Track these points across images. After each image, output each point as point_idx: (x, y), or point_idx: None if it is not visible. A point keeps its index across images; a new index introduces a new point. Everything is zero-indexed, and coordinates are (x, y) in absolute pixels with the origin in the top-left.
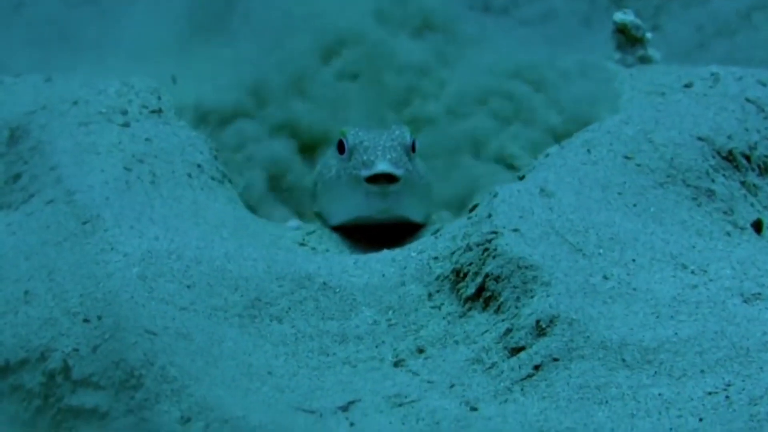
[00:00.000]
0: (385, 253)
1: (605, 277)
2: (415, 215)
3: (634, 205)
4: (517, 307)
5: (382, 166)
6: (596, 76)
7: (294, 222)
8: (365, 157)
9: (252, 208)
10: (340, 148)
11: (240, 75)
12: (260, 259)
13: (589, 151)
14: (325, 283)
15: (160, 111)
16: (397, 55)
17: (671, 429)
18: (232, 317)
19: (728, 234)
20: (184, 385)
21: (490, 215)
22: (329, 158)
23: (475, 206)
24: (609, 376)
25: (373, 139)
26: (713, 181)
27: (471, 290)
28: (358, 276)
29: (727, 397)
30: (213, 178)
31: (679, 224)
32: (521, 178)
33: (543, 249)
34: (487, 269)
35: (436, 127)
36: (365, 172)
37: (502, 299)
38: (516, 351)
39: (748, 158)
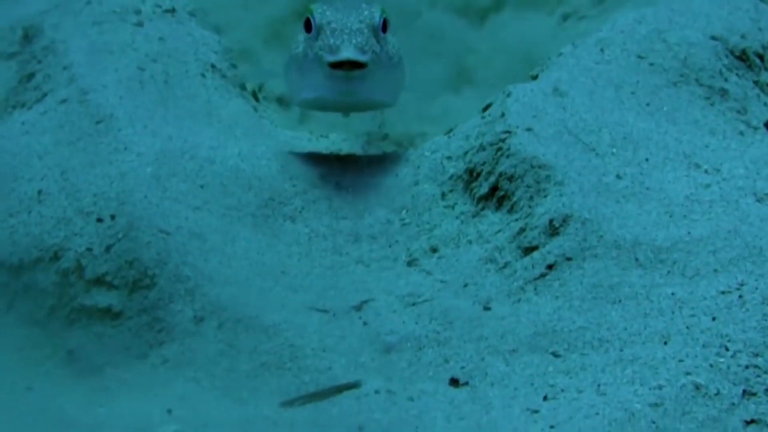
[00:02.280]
0: (399, 153)
1: (618, 177)
2: (382, 98)
3: (647, 105)
4: (530, 207)
5: (346, 53)
6: None
7: None
8: (331, 41)
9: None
10: (307, 26)
11: None
12: (274, 158)
13: (602, 50)
14: (338, 183)
15: (173, 10)
16: None
17: (685, 328)
18: (245, 217)
19: (741, 133)
20: (198, 284)
21: (503, 114)
22: (297, 33)
23: (488, 105)
24: (622, 276)
25: (341, 19)
26: (726, 80)
27: (484, 190)
28: (372, 175)
29: (740, 296)
30: (226, 78)
31: (692, 123)
32: (534, 77)
33: (556, 148)
34: (500, 169)
35: None
36: (330, 57)
37: (515, 199)
38: (529, 250)
39: (761, 57)
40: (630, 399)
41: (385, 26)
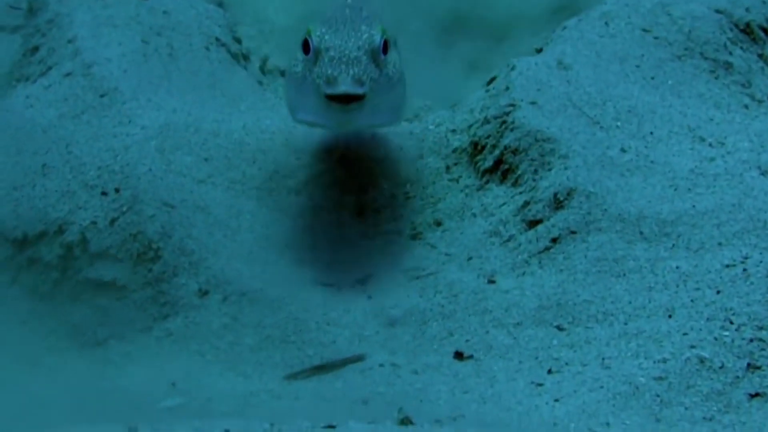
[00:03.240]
0: (403, 126)
1: (623, 150)
2: (382, 120)
3: (652, 78)
4: (534, 180)
5: (344, 87)
6: None
7: None
8: (329, 71)
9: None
10: (305, 47)
11: None
12: (278, 131)
13: (606, 23)
14: (342, 156)
15: None
16: None
17: (690, 301)
18: (249, 190)
19: (746, 107)
20: (202, 257)
21: (507, 88)
22: (296, 50)
23: (492, 79)
24: (627, 249)
25: (339, 45)
26: (731, 53)
27: (489, 163)
28: (376, 149)
29: (744, 269)
30: (231, 52)
31: (696, 97)
32: (539, 50)
33: (560, 122)
34: (504, 142)
35: None
36: (327, 90)
37: (519, 172)
38: (533, 224)
39: (765, 31)
40: (634, 372)
41: (385, 47)
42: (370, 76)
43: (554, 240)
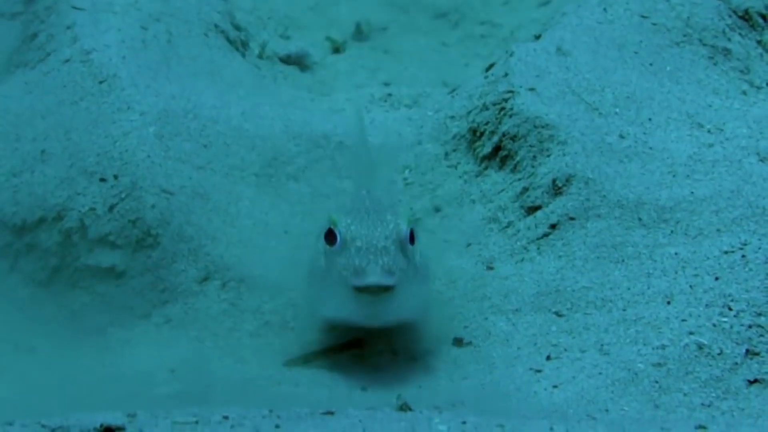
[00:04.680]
0: (402, 113)
1: (621, 136)
2: (408, 315)
3: (651, 64)
4: (533, 166)
5: (373, 278)
6: None
7: None
8: (356, 261)
9: None
10: (330, 238)
11: None
12: (277, 118)
13: (605, 10)
14: (341, 142)
15: None
16: None
17: (688, 288)
18: (248, 176)
19: (744, 93)
20: (201, 244)
21: (506, 74)
22: (318, 242)
23: (491, 65)
24: (625, 235)
25: (366, 235)
26: (729, 40)
27: (487, 149)
28: (375, 135)
29: (743, 255)
30: (229, 38)
31: (695, 83)
32: (537, 37)
33: (559, 108)
34: (503, 128)
35: None
36: (356, 282)
37: (518, 158)
38: (532, 210)
39: (764, 17)
40: (633, 359)
41: (412, 237)
42: (399, 267)
43: (553, 226)
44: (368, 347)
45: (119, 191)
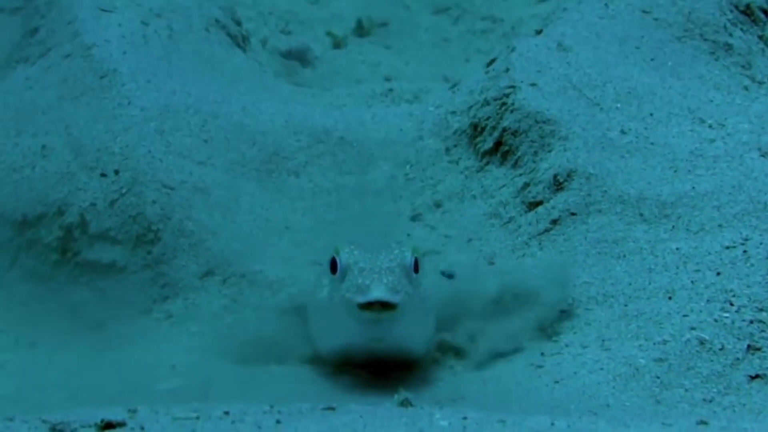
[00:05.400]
0: (403, 108)
1: (623, 132)
2: (413, 346)
3: (652, 60)
4: (534, 162)
5: (377, 293)
6: None
7: None
8: (359, 280)
9: None
10: (333, 267)
11: None
12: (278, 113)
13: (606, 5)
14: (342, 138)
15: None
16: None
17: (690, 283)
18: (249, 172)
19: (746, 88)
20: (202, 239)
21: (507, 69)
22: (322, 276)
23: (492, 60)
24: (627, 231)
25: (369, 258)
26: (731, 35)
27: (488, 144)
28: (376, 130)
29: (744, 251)
30: (230, 33)
31: (696, 78)
32: (539, 32)
33: (561, 103)
34: (504, 123)
35: None
36: (359, 298)
37: (519, 153)
38: (533, 205)
39: (766, 12)
40: (634, 354)
41: (416, 267)
42: (404, 288)
43: (554, 222)
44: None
45: (120, 186)
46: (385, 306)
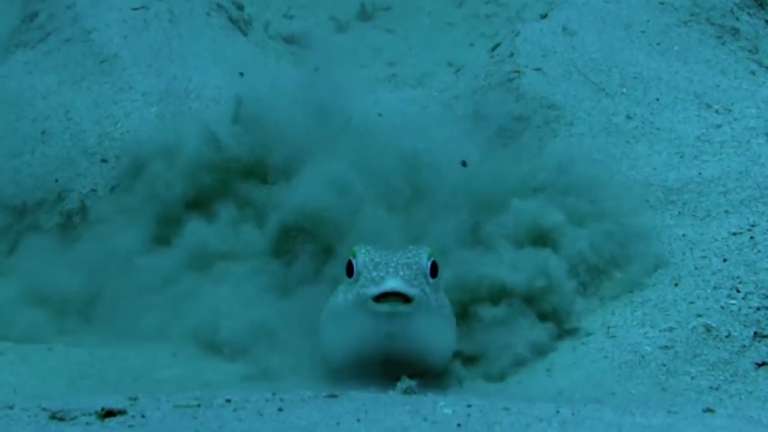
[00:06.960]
0: (407, 93)
1: (628, 117)
2: (430, 353)
3: (658, 44)
4: (539, 147)
5: (392, 283)
6: None
7: None
8: (374, 273)
9: None
10: (349, 270)
11: None
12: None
13: None
14: (346, 122)
15: None
16: None
17: (696, 270)
18: None
19: (753, 73)
20: None
21: (512, 54)
22: (339, 283)
23: (497, 45)
24: None
25: (386, 255)
26: (738, 19)
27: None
28: (380, 115)
29: (751, 237)
30: (232, 18)
31: (703, 63)
32: (543, 16)
33: (565, 88)
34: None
35: None
36: (373, 290)
37: (524, 139)
38: (540, 190)
39: None
40: (640, 341)
41: (434, 271)
42: (420, 284)
43: None
44: None
45: (120, 172)
46: (400, 298)
